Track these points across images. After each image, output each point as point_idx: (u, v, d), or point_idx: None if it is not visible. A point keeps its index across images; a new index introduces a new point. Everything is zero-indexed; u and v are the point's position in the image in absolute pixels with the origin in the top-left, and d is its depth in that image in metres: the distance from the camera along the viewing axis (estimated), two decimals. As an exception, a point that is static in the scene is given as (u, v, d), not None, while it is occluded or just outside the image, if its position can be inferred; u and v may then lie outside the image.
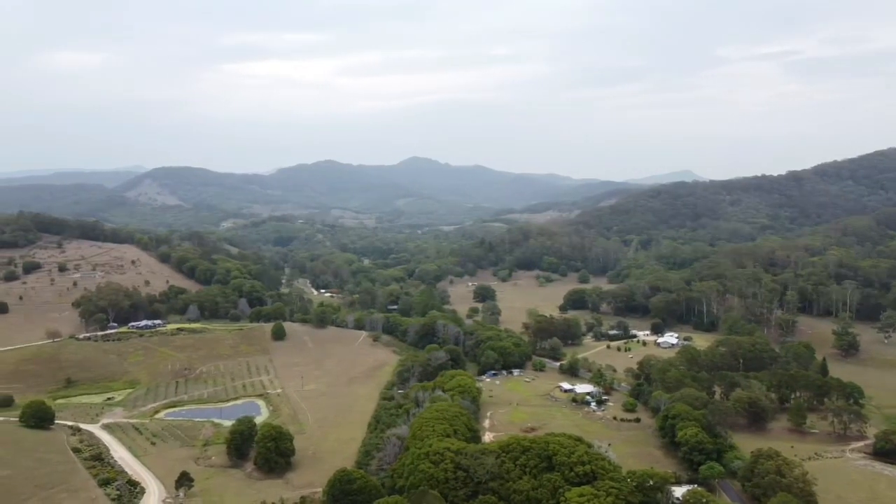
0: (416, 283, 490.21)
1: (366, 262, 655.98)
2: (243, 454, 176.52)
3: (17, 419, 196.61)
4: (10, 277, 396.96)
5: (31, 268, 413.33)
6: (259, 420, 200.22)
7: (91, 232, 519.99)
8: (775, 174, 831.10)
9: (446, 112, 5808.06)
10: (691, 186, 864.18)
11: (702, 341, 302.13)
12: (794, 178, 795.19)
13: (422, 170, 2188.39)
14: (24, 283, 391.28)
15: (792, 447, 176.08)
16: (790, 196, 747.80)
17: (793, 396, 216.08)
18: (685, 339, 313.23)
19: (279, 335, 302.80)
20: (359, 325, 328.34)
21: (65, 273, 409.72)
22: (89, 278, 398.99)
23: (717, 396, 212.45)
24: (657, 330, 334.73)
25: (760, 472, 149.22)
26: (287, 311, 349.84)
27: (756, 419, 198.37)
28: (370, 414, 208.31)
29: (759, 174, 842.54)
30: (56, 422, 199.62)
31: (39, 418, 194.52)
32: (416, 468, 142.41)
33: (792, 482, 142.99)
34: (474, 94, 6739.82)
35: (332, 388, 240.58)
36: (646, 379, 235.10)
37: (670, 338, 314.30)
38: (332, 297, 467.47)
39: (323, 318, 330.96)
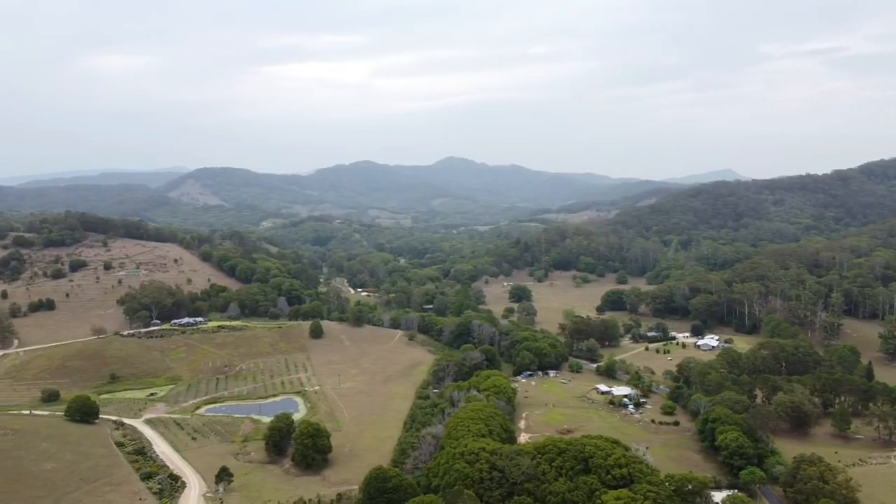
0: (452, 283, 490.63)
1: (402, 261, 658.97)
2: (281, 450, 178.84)
3: (62, 413, 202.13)
4: (58, 275, 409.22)
5: (77, 266, 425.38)
6: (297, 417, 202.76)
7: (135, 231, 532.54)
8: (820, 173, 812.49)
9: (482, 112, 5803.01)
10: (733, 186, 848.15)
11: (743, 344, 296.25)
12: (840, 177, 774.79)
13: (458, 170, 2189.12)
14: (71, 280, 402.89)
15: (836, 453, 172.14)
16: (835, 196, 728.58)
17: (837, 401, 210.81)
18: (726, 341, 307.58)
19: (317, 333, 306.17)
20: (395, 325, 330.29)
21: (110, 271, 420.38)
22: (133, 276, 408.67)
23: (758, 400, 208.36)
24: (697, 332, 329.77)
25: (803, 478, 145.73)
26: (325, 310, 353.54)
27: (799, 424, 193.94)
28: (406, 413, 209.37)
29: (804, 173, 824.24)
30: (100, 416, 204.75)
31: (84, 413, 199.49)
32: (451, 467, 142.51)
33: (835, 488, 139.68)
34: (511, 94, 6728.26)
35: (368, 387, 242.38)
36: (685, 382, 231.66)
37: (710, 340, 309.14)
38: (368, 296, 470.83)
39: (359, 317, 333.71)
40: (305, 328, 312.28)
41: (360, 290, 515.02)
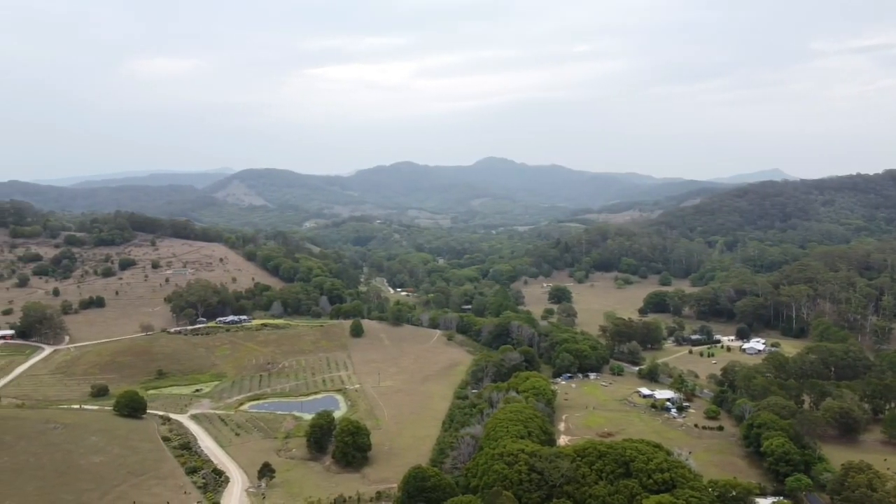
0: (490, 284, 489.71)
1: (440, 261, 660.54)
2: (322, 447, 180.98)
3: (111, 408, 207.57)
4: (108, 273, 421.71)
5: (126, 264, 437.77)
6: (337, 414, 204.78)
7: (182, 231, 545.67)
8: (871, 173, 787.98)
9: (523, 111, 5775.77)
10: (780, 186, 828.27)
11: (790, 348, 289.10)
12: (892, 177, 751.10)
13: (497, 170, 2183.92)
14: (121, 279, 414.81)
15: (885, 460, 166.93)
16: (887, 196, 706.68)
17: (887, 407, 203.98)
18: (772, 345, 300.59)
19: (357, 332, 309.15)
20: (433, 324, 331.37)
21: (158, 270, 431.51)
22: (180, 275, 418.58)
23: (805, 406, 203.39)
24: (742, 335, 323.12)
25: (850, 486, 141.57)
26: (365, 309, 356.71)
27: (847, 430, 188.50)
28: (444, 412, 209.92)
29: (854, 173, 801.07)
30: (148, 411, 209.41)
31: (132, 408, 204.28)
32: (489, 468, 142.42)
33: (884, 497, 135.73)
34: (552, 93, 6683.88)
35: (407, 386, 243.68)
36: (730, 386, 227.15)
37: (756, 343, 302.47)
38: (407, 295, 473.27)
39: (399, 317, 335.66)
40: (346, 327, 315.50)
41: (399, 289, 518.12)
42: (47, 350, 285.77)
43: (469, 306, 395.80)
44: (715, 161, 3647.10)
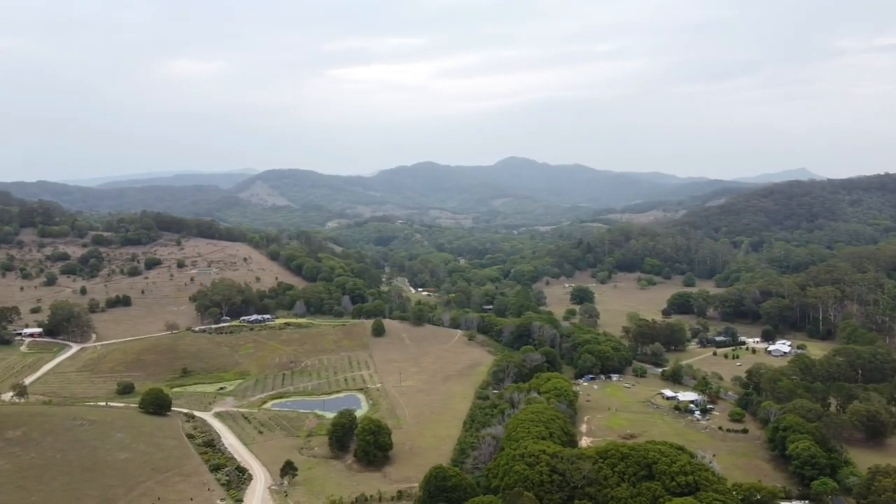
0: (512, 284, 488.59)
1: (462, 261, 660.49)
2: (344, 446, 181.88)
3: (137, 405, 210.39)
4: (134, 273, 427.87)
5: (152, 264, 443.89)
6: (359, 413, 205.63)
7: (207, 231, 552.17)
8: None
9: (545, 111, 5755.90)
10: (807, 185, 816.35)
11: (817, 350, 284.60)
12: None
13: (519, 170, 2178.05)
14: (146, 278, 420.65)
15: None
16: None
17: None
18: (798, 347, 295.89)
19: (379, 332, 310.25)
20: (454, 324, 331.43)
21: (183, 269, 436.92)
22: (205, 274, 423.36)
23: (832, 409, 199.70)
24: (768, 337, 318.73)
25: (877, 490, 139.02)
26: (386, 309, 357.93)
27: (874, 434, 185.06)
28: (465, 412, 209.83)
29: (882, 172, 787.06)
30: (172, 409, 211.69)
31: (157, 405, 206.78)
32: (510, 469, 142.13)
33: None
34: (574, 92, 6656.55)
35: (428, 385, 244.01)
36: (755, 388, 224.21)
37: (782, 345, 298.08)
38: (428, 295, 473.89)
39: (420, 316, 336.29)
40: (368, 326, 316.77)
41: (420, 289, 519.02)
42: (74, 348, 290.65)
43: (490, 306, 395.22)
44: (740, 161, 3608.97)
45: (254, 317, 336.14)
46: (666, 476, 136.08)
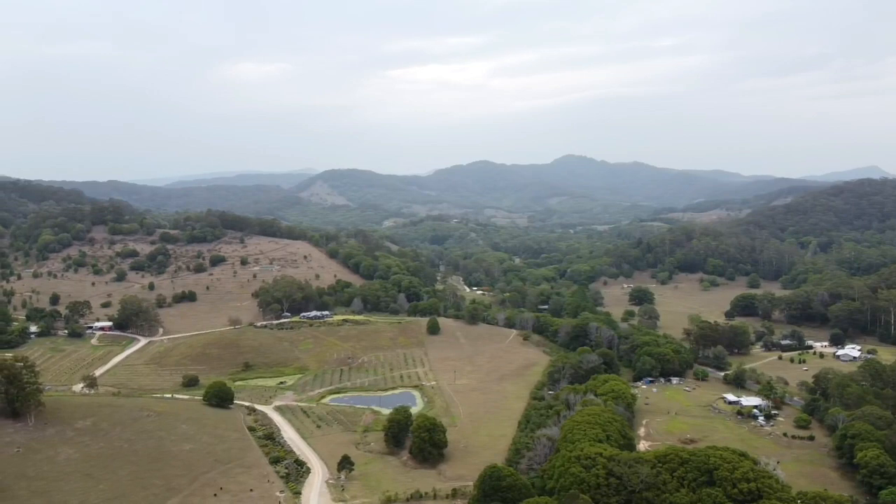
0: (568, 284, 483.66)
1: (517, 260, 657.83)
2: (399, 442, 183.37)
3: (201, 398, 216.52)
4: (199, 269, 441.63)
5: (217, 261, 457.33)
6: (414, 410, 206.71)
7: (269, 229, 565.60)
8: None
9: (603, 108, 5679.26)
10: (879, 184, 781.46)
11: (888, 355, 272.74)
12: None
13: (576, 168, 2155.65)
14: (211, 274, 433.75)
15: None
16: None
17: None
18: (869, 352, 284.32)
19: (434, 330, 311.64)
20: (509, 324, 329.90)
21: (246, 266, 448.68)
22: (267, 271, 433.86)
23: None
24: (836, 341, 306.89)
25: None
26: (441, 307, 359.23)
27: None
28: (520, 412, 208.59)
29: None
30: (234, 402, 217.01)
31: (220, 398, 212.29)
32: (566, 471, 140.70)
33: None
34: (634, 89, 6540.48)
35: (483, 384, 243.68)
36: (822, 394, 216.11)
37: (851, 350, 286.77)
38: (483, 294, 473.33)
39: (475, 315, 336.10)
40: (423, 324, 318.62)
41: (475, 288, 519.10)
42: (142, 341, 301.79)
43: (545, 306, 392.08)
44: (807, 158, 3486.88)
45: (313, 313, 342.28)
46: (727, 482, 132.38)
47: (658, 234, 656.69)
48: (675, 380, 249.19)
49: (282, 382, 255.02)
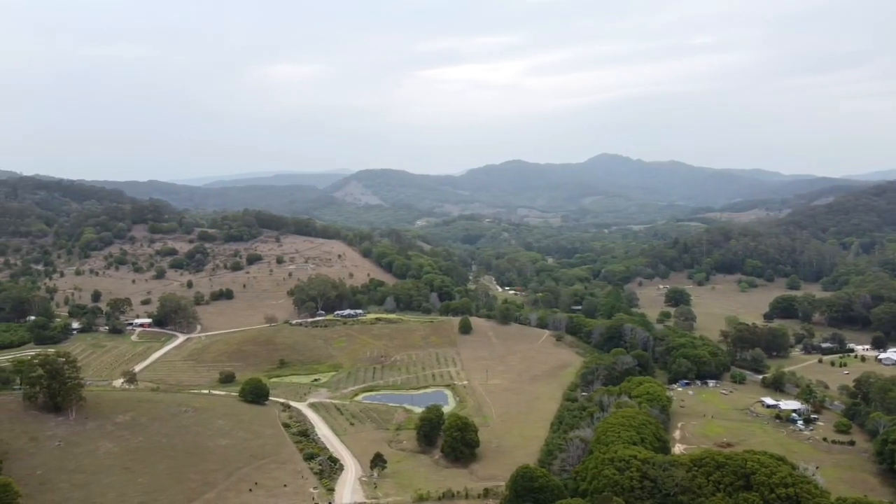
0: (602, 284, 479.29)
1: (550, 260, 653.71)
2: (431, 441, 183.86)
3: (237, 394, 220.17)
4: (236, 268, 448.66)
5: (253, 259, 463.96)
6: (446, 409, 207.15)
7: (304, 228, 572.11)
8: None
9: (639, 106, 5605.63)
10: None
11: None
12: None
13: (611, 167, 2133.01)
14: (248, 272, 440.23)
15: None
16: None
17: None
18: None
19: (465, 329, 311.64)
20: (542, 324, 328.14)
21: (281, 265, 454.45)
22: (302, 270, 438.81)
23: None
24: (879, 344, 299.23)
25: None
26: (473, 307, 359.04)
27: None
28: (553, 413, 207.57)
29: None
30: (269, 398, 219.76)
31: (256, 394, 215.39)
32: (599, 473, 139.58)
33: None
34: (670, 87, 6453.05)
35: (515, 385, 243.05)
36: (863, 398, 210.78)
37: (894, 354, 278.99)
38: (515, 294, 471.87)
39: (507, 315, 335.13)
40: (455, 324, 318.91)
41: (507, 288, 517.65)
42: (181, 338, 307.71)
43: (579, 307, 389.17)
44: (850, 157, 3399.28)
45: (347, 311, 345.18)
46: (765, 487, 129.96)
47: (695, 234, 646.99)
48: (711, 382, 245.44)
49: (316, 380, 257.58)
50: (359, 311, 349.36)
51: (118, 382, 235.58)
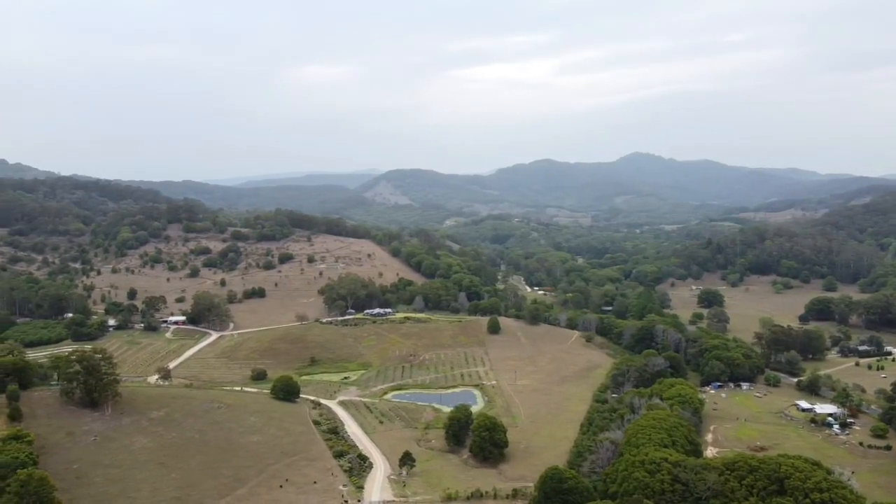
0: (633, 285, 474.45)
1: (580, 260, 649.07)
2: (460, 440, 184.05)
3: (268, 392, 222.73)
4: (268, 267, 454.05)
5: (285, 258, 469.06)
6: (475, 409, 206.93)
7: (335, 228, 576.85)
8: None
9: (672, 105, 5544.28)
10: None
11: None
12: None
13: (643, 166, 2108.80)
14: (279, 271, 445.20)
15: None
16: None
17: None
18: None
19: (494, 329, 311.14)
20: (571, 325, 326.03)
21: (312, 264, 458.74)
22: (332, 269, 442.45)
23: None
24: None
25: None
26: (502, 307, 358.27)
27: None
28: (582, 415, 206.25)
29: None
30: (300, 396, 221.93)
31: (287, 392, 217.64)
32: (630, 475, 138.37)
33: None
34: (704, 85, 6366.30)
35: (544, 385, 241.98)
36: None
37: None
38: (544, 294, 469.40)
39: (536, 315, 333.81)
40: (483, 323, 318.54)
41: (536, 288, 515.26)
42: (214, 335, 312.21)
43: (609, 308, 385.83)
44: (888, 156, 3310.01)
45: (376, 310, 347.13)
46: (799, 492, 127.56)
47: (729, 235, 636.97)
48: (745, 385, 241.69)
49: (346, 378, 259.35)
50: (388, 310, 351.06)
51: (153, 379, 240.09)
